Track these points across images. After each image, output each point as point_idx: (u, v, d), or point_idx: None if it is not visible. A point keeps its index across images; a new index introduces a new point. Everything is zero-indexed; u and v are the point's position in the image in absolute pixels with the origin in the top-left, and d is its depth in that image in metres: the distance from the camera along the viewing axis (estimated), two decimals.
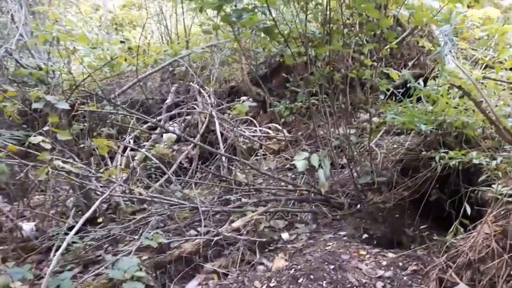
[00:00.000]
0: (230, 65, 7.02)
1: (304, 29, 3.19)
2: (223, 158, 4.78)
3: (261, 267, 2.88)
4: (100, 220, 3.60)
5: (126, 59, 4.22)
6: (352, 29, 3.60)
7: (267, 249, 3.12)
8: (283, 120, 5.45)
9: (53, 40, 4.45)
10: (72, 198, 4.02)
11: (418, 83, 3.30)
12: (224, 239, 3.06)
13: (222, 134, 5.10)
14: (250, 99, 5.53)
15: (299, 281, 2.50)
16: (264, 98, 5.89)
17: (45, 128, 3.27)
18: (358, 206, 3.44)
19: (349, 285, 2.43)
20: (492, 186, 2.34)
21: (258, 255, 3.01)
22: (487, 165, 2.53)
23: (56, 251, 2.64)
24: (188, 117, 5.58)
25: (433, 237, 2.97)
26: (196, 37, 7.56)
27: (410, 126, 3.39)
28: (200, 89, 5.81)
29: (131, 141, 5.17)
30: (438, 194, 3.21)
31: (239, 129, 5.54)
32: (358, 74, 3.44)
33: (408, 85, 3.38)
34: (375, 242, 3.12)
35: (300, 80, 4.27)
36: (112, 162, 4.79)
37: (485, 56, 3.66)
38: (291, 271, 2.61)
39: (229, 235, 3.11)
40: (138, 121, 5.39)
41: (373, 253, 2.76)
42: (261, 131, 5.76)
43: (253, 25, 3.12)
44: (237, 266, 2.89)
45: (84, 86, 4.14)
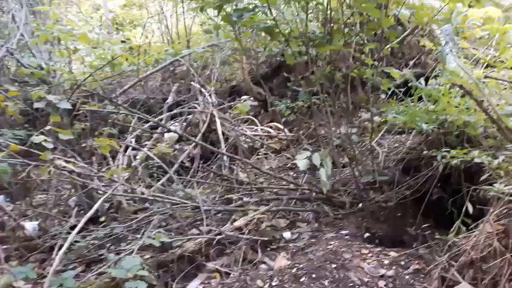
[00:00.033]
0: (231, 64, 7.02)
1: (304, 28, 3.19)
2: (224, 157, 4.78)
3: (263, 266, 2.89)
4: (102, 219, 3.60)
5: (127, 59, 4.24)
6: (352, 28, 3.60)
7: (269, 248, 3.13)
8: (285, 119, 5.45)
9: (54, 40, 4.47)
10: (74, 198, 4.03)
11: (420, 82, 3.30)
12: (226, 238, 3.07)
13: (223, 133, 5.09)
14: (251, 99, 5.56)
15: (301, 280, 2.51)
16: (265, 97, 5.88)
17: (47, 128, 3.27)
18: (360, 205, 3.44)
19: (351, 284, 2.44)
20: (494, 185, 2.34)
21: (260, 254, 3.02)
22: (489, 164, 2.53)
23: (59, 250, 2.64)
24: (189, 116, 5.57)
25: (435, 236, 2.98)
26: (197, 36, 7.56)
27: (412, 126, 3.39)
28: (201, 88, 5.81)
29: (133, 140, 5.17)
30: (440, 193, 3.21)
31: (240, 128, 5.54)
32: (359, 73, 3.44)
33: (409, 84, 3.37)
34: (377, 241, 3.12)
35: (301, 80, 4.27)
36: (114, 161, 4.80)
37: (487, 56, 3.66)
38: (293, 270, 2.62)
39: (231, 234, 3.12)
40: (139, 120, 5.39)
41: (375, 252, 2.77)
42: (262, 130, 5.77)
43: (254, 25, 3.12)
44: (239, 265, 2.90)
45: (85, 86, 4.14)
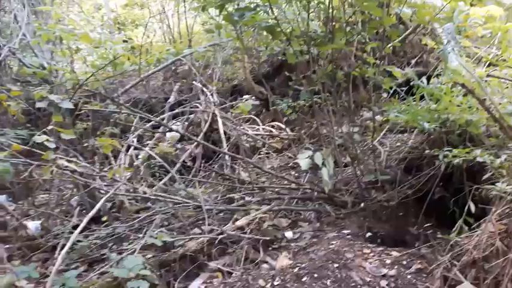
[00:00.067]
0: (233, 63, 7.01)
1: (306, 27, 3.19)
2: (226, 157, 4.79)
3: (265, 266, 2.89)
4: (104, 219, 3.61)
5: (129, 58, 4.24)
6: (354, 27, 3.59)
7: (271, 248, 3.13)
8: (286, 118, 5.45)
9: (56, 39, 4.48)
10: (76, 197, 4.04)
11: (421, 81, 3.29)
12: (228, 238, 3.08)
13: (225, 132, 5.10)
14: (253, 98, 5.55)
15: (303, 279, 2.50)
16: (267, 96, 5.88)
17: (49, 127, 3.28)
18: (362, 204, 3.43)
19: (353, 284, 2.43)
20: (496, 184, 2.33)
21: (262, 254, 3.02)
22: (491, 163, 2.52)
23: (61, 250, 2.66)
24: (191, 115, 5.58)
25: (437, 236, 2.97)
26: (198, 36, 7.56)
27: (414, 125, 3.38)
28: (203, 87, 5.81)
29: (135, 140, 5.18)
30: (442, 192, 3.21)
31: (242, 127, 5.54)
32: (361, 72, 3.43)
33: (411, 83, 3.37)
34: (379, 241, 3.11)
35: (303, 79, 4.27)
36: (116, 161, 4.81)
37: (489, 54, 3.64)
38: (295, 269, 2.62)
39: (233, 233, 3.12)
40: (141, 120, 5.39)
41: (377, 251, 2.76)
42: (264, 129, 5.76)
43: (256, 24, 3.12)
44: (241, 265, 2.90)
45: (87, 85, 4.15)
